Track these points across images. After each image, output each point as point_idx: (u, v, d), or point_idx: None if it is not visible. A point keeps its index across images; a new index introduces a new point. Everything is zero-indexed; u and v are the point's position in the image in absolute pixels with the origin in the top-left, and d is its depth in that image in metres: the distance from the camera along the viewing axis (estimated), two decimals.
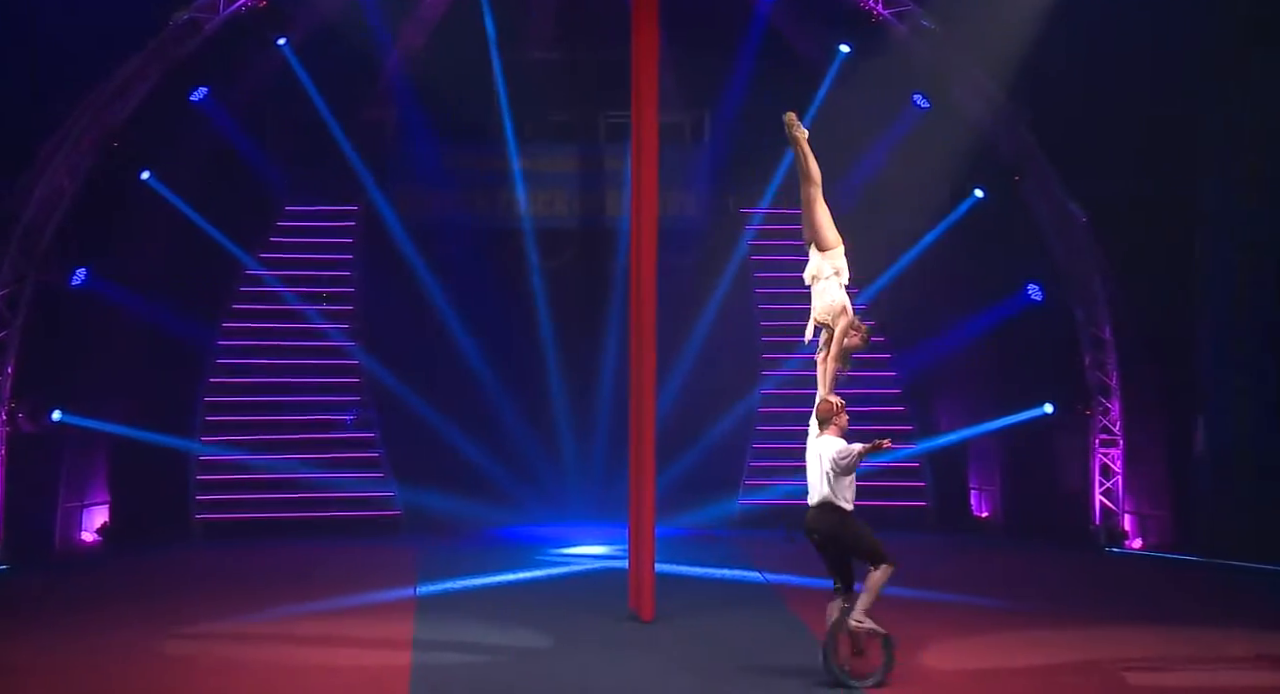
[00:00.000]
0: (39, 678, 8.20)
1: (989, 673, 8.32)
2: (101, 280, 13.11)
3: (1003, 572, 11.91)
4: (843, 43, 14.29)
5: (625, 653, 8.81)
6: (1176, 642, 9.19)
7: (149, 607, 10.24)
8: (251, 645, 9.04)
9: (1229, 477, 12.51)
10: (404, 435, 14.36)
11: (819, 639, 8.83)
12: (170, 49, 12.82)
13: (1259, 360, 12.39)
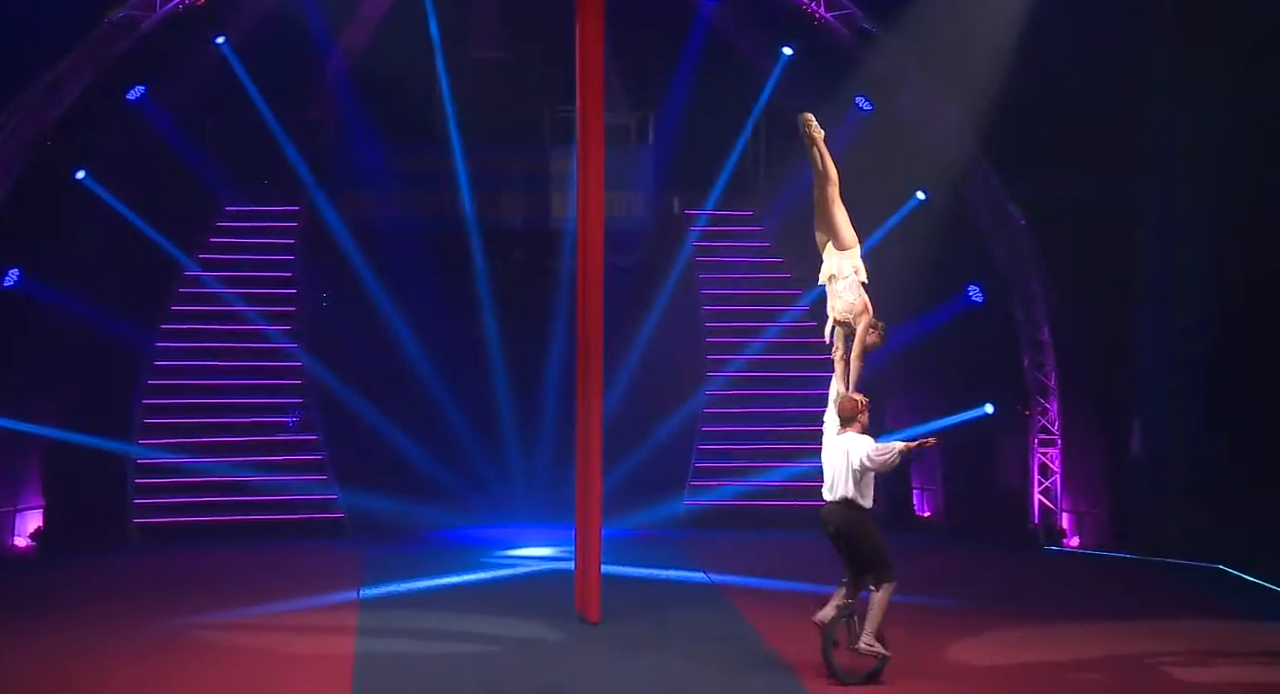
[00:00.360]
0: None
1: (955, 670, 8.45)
2: (35, 281, 13.03)
3: (945, 570, 11.98)
4: (786, 45, 14.37)
5: (573, 654, 8.85)
6: (1120, 637, 9.31)
7: (85, 612, 10.14)
8: (190, 651, 8.95)
9: (1165, 476, 12.71)
10: (347, 437, 14.31)
11: (763, 637, 9.06)
12: (105, 47, 12.75)
13: (1195, 362, 12.52)
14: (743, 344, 15.01)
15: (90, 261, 13.50)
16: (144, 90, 13.54)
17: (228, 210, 14.85)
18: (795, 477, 14.21)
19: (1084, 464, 13.46)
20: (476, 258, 14.91)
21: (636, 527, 13.64)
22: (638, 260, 14.86)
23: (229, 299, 14.37)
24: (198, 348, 14.26)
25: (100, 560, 12.64)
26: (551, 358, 14.59)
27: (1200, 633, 9.61)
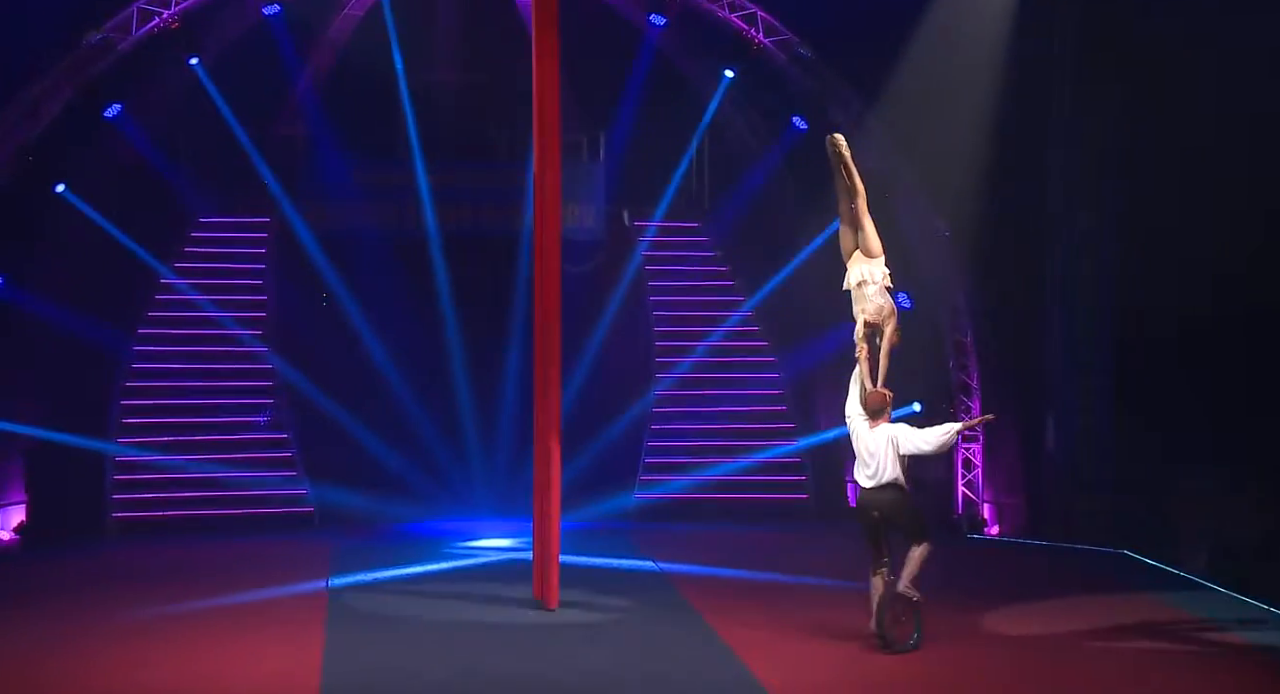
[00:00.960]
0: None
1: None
2: (18, 289, 12.97)
3: None
4: (727, 68, 14.45)
5: (533, 637, 8.95)
6: (1034, 615, 9.65)
7: (66, 602, 10.14)
8: (167, 639, 8.98)
9: (1075, 468, 12.93)
10: (316, 435, 14.31)
11: (705, 619, 9.27)
12: (84, 67, 12.75)
13: (1101, 363, 12.78)
14: (689, 347, 15.12)
15: (71, 270, 13.49)
16: (121, 108, 13.50)
17: (201, 221, 14.82)
18: (738, 471, 14.42)
19: (1003, 458, 13.63)
20: (438, 265, 14.89)
21: (589, 519, 13.67)
22: (590, 268, 14.90)
23: (203, 305, 14.36)
24: (173, 351, 14.26)
25: (80, 553, 12.61)
26: (509, 360, 14.60)
27: (1105, 610, 9.86)
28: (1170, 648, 8.83)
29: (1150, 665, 8.43)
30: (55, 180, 13.21)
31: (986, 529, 13.58)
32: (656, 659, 8.42)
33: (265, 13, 13.70)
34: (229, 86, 14.01)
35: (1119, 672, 8.25)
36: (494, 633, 9.08)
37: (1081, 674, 8.22)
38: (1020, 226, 13.30)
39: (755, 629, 9.12)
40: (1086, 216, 12.93)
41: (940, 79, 13.19)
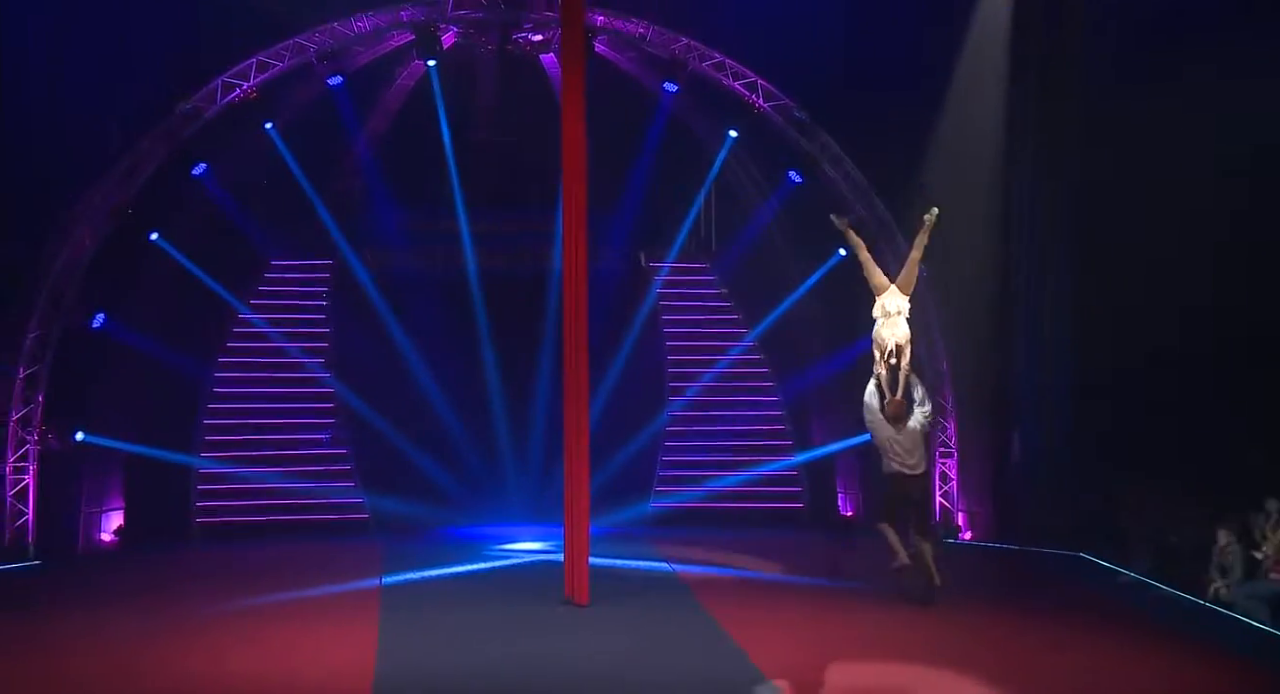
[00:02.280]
0: (76, 657, 8.40)
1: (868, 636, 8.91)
2: (117, 324, 13.17)
3: (864, 559, 11.98)
4: (731, 128, 14.52)
5: (566, 630, 9.02)
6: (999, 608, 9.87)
7: (159, 597, 10.36)
8: (244, 628, 9.20)
9: (1038, 480, 12.97)
10: (370, 450, 14.35)
11: (712, 615, 9.45)
12: (175, 133, 12.96)
13: (1059, 389, 12.85)
14: (699, 373, 15.14)
15: (162, 307, 13.63)
16: (206, 166, 13.59)
17: (273, 264, 14.93)
18: (741, 483, 14.49)
19: (974, 472, 13.70)
20: (477, 302, 14.89)
21: (611, 525, 13.66)
22: (611, 304, 14.70)
23: (273, 337, 14.46)
24: (248, 378, 14.36)
25: (169, 554, 12.84)
26: (540, 383, 14.56)
27: (1063, 606, 10.12)
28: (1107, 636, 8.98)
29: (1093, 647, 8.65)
30: (150, 230, 13.35)
31: (960, 534, 13.63)
32: (670, 648, 8.55)
33: (330, 83, 13.65)
34: (298, 147, 14.05)
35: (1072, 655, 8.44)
36: (532, 626, 9.13)
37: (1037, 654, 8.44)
38: (989, 269, 13.34)
39: (756, 622, 9.22)
40: (1048, 265, 12.97)
41: (920, 139, 13.37)
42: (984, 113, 13.11)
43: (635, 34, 13.91)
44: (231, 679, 7.87)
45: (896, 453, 9.65)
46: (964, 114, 13.21)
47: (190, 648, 8.59)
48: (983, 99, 13.14)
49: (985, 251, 13.35)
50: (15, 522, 12.39)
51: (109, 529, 13.40)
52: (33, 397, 12.52)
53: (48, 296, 12.44)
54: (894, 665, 8.27)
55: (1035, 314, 13.13)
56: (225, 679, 7.88)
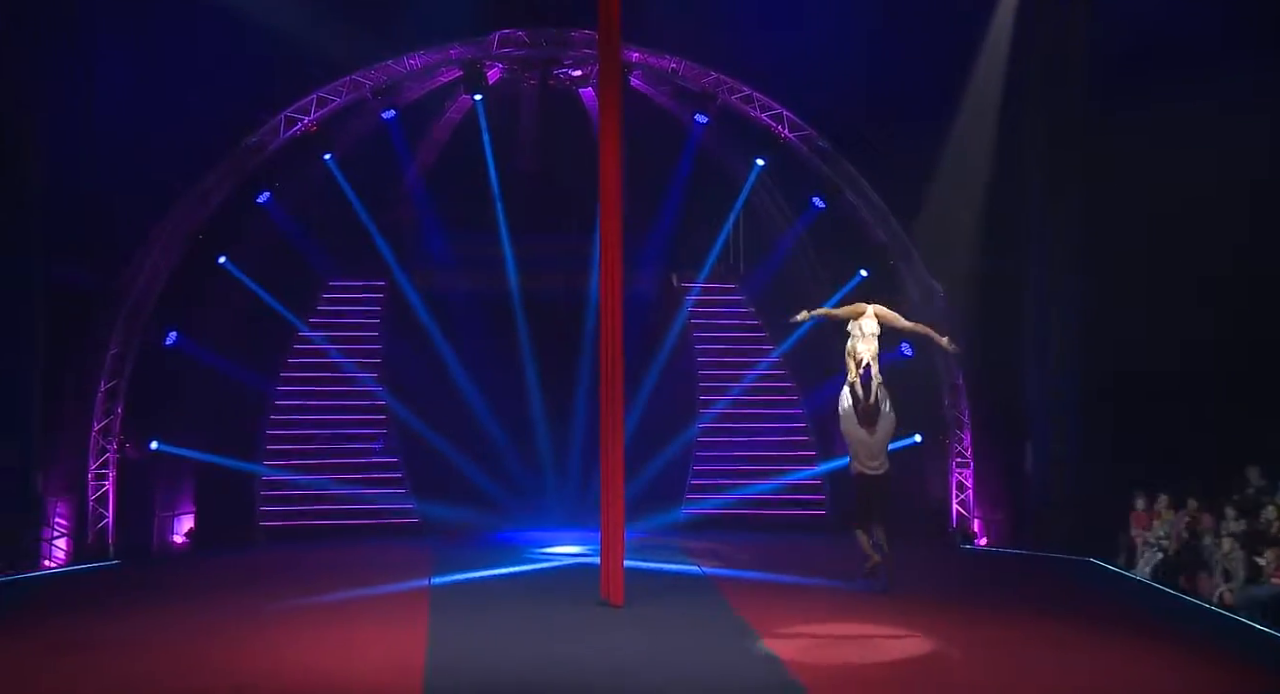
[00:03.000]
0: (151, 650, 8.52)
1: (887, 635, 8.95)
2: (188, 341, 13.35)
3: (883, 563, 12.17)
4: (758, 157, 14.57)
5: (603, 629, 9.04)
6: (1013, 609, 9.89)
7: (226, 594, 10.48)
8: (303, 623, 9.28)
9: (1049, 489, 13.01)
10: (420, 459, 14.40)
11: (742, 616, 9.46)
12: (242, 164, 13.20)
13: (1070, 403, 12.90)
14: (728, 387, 15.13)
15: (229, 325, 13.82)
16: (270, 195, 13.76)
17: (330, 285, 15.06)
18: (768, 491, 14.43)
19: (990, 481, 13.66)
20: (519, 320, 14.95)
21: (645, 530, 13.67)
22: (645, 322, 14.82)
23: (331, 353, 14.56)
24: (308, 391, 14.50)
25: (235, 554, 12.91)
26: (578, 395, 14.63)
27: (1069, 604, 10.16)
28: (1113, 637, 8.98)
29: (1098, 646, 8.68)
30: (218, 254, 13.53)
31: (976, 540, 13.61)
32: (701, 647, 8.57)
33: (384, 117, 13.88)
34: (354, 176, 14.18)
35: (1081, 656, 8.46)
36: (570, 624, 9.17)
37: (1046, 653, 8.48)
38: (1004, 289, 13.40)
39: (783, 622, 9.26)
40: (1057, 287, 12.99)
41: (937, 166, 13.45)
42: (995, 140, 13.15)
43: (668, 69, 14.03)
44: (293, 670, 8.00)
45: (864, 455, 9.97)
46: (977, 141, 13.25)
47: (255, 641, 8.71)
48: (993, 127, 13.18)
49: (997, 273, 13.39)
50: (97, 524, 12.63)
51: (181, 531, 13.59)
52: (112, 409, 12.75)
53: (126, 316, 12.69)
54: (914, 660, 8.31)
55: (1045, 333, 13.12)
56: (287, 670, 8.00)
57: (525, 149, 15.13)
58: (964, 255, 13.50)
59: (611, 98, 9.81)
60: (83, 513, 12.51)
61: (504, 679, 7.76)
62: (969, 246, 13.42)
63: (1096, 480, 12.41)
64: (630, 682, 7.74)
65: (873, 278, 14.34)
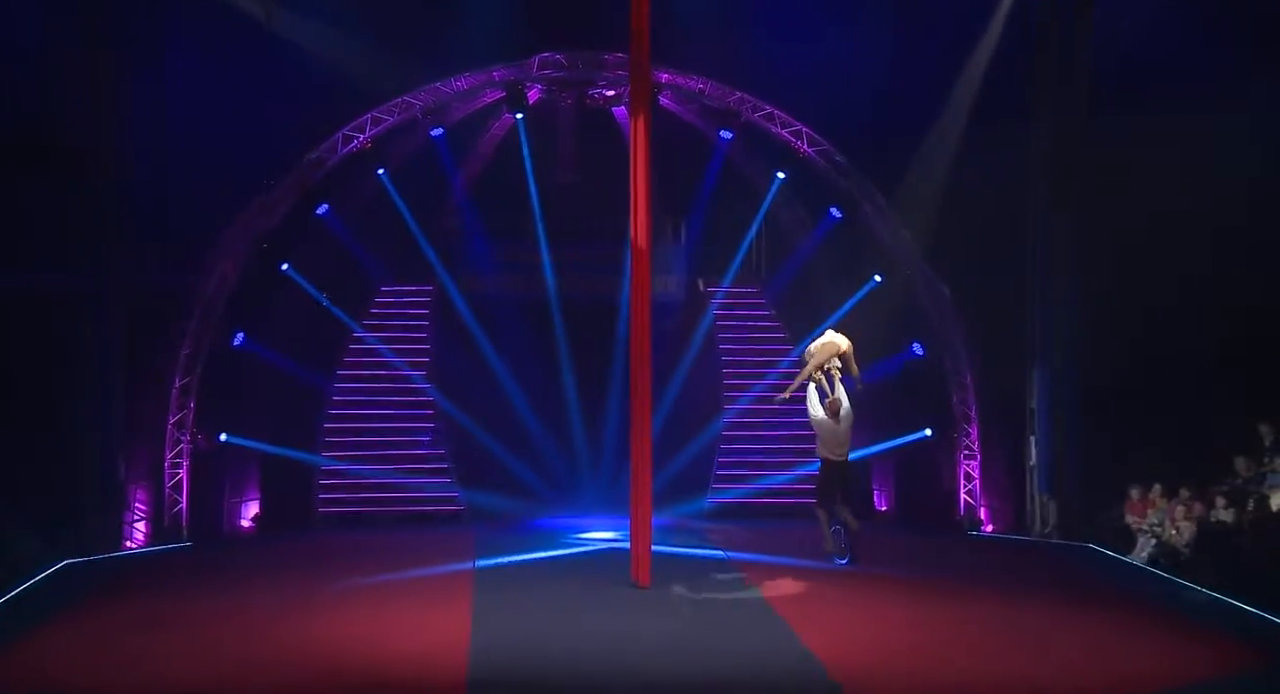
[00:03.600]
0: (221, 624, 8.74)
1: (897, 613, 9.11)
2: (254, 342, 13.51)
3: (896, 549, 12.28)
4: (779, 171, 14.65)
5: (631, 608, 9.21)
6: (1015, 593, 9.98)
7: (289, 574, 10.66)
8: (359, 602, 9.44)
9: (1050, 480, 13.09)
10: (465, 451, 14.52)
11: (763, 596, 9.61)
12: (303, 179, 13.44)
13: (1071, 400, 12.98)
14: (750, 384, 15.17)
15: (290, 327, 13.97)
16: (328, 207, 13.83)
17: (382, 289, 15.15)
18: (788, 481, 14.47)
19: (995, 472, 13.77)
20: (557, 322, 15.05)
21: (673, 517, 13.73)
22: (673, 324, 14.99)
23: (383, 353, 14.65)
24: (361, 387, 14.61)
25: (297, 538, 13.03)
26: (611, 394, 14.73)
27: (1070, 587, 10.30)
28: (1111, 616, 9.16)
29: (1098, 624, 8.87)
30: (281, 261, 13.67)
31: (983, 528, 13.69)
32: (723, 623, 8.72)
33: (432, 134, 13.99)
34: (404, 189, 14.25)
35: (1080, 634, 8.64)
36: (600, 603, 9.31)
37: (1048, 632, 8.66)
38: (1008, 292, 13.46)
39: (802, 602, 9.41)
40: (1059, 293, 13.06)
41: (946, 178, 13.58)
42: (1000, 150, 13.20)
43: (695, 89, 14.18)
44: (349, 643, 8.18)
45: (833, 443, 10.35)
46: (983, 152, 13.31)
47: (315, 616, 8.93)
48: (1000, 139, 13.26)
49: (1003, 278, 13.46)
50: (172, 509, 12.87)
51: (247, 516, 13.84)
52: (186, 403, 12.97)
53: (198, 318, 12.91)
54: (926, 638, 8.43)
55: (1047, 333, 13.17)
56: (343, 642, 8.18)
57: (562, 163, 15.26)
58: (971, 261, 13.58)
59: (642, 116, 9.91)
60: (160, 499, 12.71)
61: (542, 652, 7.90)
62: (975, 252, 13.50)
63: (1096, 472, 12.50)
64: (655, 654, 7.89)
65: (887, 283, 14.45)
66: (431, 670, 7.55)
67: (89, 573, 10.98)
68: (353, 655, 7.91)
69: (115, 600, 9.71)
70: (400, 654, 7.92)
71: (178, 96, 13.27)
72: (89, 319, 12.17)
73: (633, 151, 9.81)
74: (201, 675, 7.54)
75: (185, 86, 13.34)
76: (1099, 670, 7.71)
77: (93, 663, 7.84)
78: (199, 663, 7.82)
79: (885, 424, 14.54)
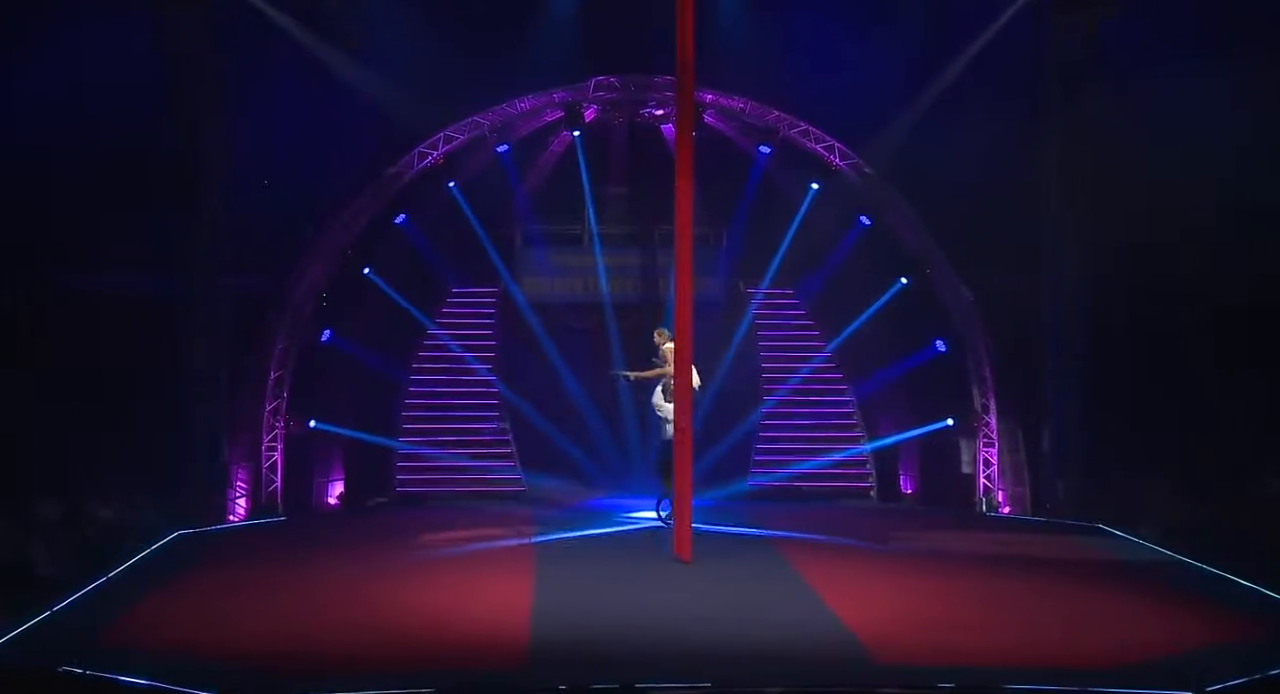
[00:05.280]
0: (314, 589, 8.79)
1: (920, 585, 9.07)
2: (340, 338, 13.70)
3: (919, 529, 12.19)
4: (814, 182, 14.62)
5: (674, 581, 9.11)
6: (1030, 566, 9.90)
7: (371, 547, 10.59)
8: (433, 572, 9.42)
9: (1063, 465, 12.96)
10: (527, 437, 14.60)
11: (799, 573, 9.43)
12: (384, 191, 13.60)
13: (1082, 392, 12.83)
14: (786, 377, 15.18)
15: (372, 325, 14.17)
16: (405, 216, 14.11)
17: (453, 292, 15.29)
18: (821, 466, 14.53)
19: (1012, 458, 13.62)
20: (610, 321, 15.07)
21: (715, 499, 13.65)
22: (715, 323, 14.67)
23: (454, 348, 14.79)
24: (434, 380, 14.76)
25: (377, 514, 13.17)
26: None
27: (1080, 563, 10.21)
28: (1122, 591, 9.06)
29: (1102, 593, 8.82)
30: (364, 266, 13.78)
31: (1000, 510, 13.59)
32: (759, 595, 8.65)
33: (498, 150, 14.03)
34: (473, 200, 14.26)
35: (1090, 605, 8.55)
36: (646, 576, 9.27)
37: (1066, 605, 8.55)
38: (1021, 292, 13.36)
39: (834, 576, 9.22)
40: (1069, 293, 12.92)
41: (965, 187, 13.37)
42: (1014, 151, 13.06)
43: (736, 108, 14.19)
44: (425, 606, 8.26)
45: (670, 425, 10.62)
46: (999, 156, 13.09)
47: (394, 584, 8.94)
48: (1013, 140, 13.07)
49: (1019, 276, 13.37)
50: (268, 487, 13.13)
51: (333, 495, 13.90)
52: (280, 393, 13.10)
53: (290, 317, 13.04)
54: (952, 610, 8.34)
55: (1061, 331, 13.06)
56: (421, 606, 8.25)
57: (615, 176, 15.32)
58: (990, 262, 13.50)
59: (686, 133, 9.83)
60: (258, 477, 12.85)
61: (596, 620, 7.92)
62: (996, 258, 13.43)
63: (1105, 457, 12.40)
64: (697, 623, 7.84)
65: (912, 285, 14.36)
66: (497, 633, 7.57)
67: (198, 543, 11.23)
68: (426, 618, 7.93)
69: (219, 568, 9.91)
70: (468, 617, 7.96)
71: (274, 116, 13.49)
72: (199, 321, 12.50)
73: (677, 165, 9.65)
74: (287, 632, 7.63)
75: (282, 107, 13.57)
76: (1102, 638, 7.60)
77: (199, 623, 8.02)
78: (286, 620, 7.92)
79: (910, 414, 14.51)
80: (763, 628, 7.71)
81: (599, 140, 14.97)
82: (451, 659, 7.00)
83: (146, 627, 7.80)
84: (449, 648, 7.26)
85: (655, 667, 6.82)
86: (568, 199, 14.95)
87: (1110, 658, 7.19)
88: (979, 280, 13.67)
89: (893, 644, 7.31)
